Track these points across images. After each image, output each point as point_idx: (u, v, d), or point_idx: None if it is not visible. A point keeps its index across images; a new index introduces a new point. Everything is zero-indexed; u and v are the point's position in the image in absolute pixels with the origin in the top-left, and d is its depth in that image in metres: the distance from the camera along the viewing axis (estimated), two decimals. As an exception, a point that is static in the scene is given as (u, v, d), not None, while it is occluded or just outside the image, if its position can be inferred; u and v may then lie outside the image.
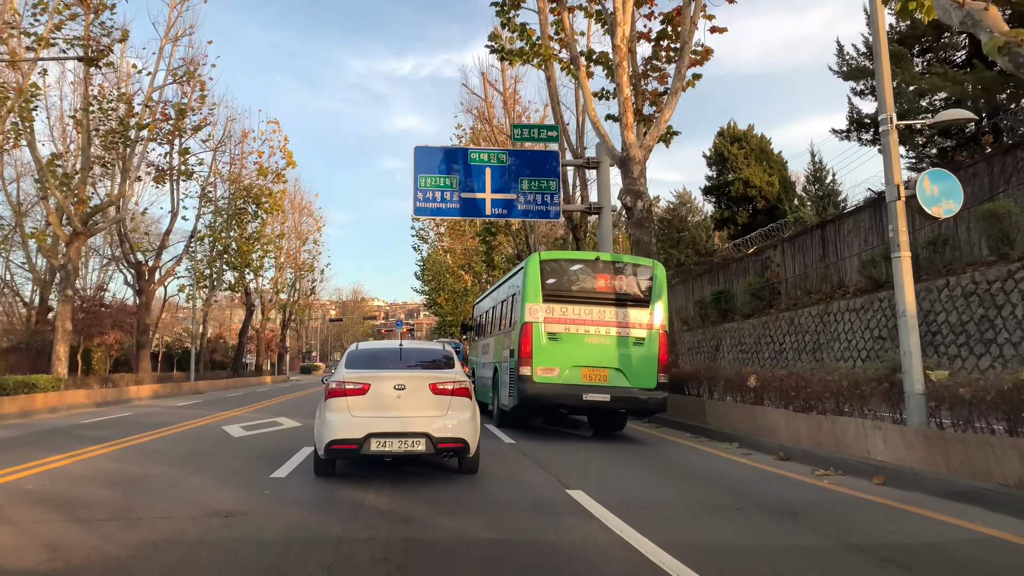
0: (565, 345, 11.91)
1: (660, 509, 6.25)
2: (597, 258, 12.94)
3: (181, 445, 10.83)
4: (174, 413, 18.56)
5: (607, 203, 21.35)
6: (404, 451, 6.94)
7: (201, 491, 6.85)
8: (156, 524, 5.46)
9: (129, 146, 24.58)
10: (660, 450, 10.76)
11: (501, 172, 21.34)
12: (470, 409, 7.35)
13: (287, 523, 5.55)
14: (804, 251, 24.33)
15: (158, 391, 32.28)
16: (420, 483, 7.33)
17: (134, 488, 7.09)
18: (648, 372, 11.96)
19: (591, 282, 12.45)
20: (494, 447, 10.36)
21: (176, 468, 8.27)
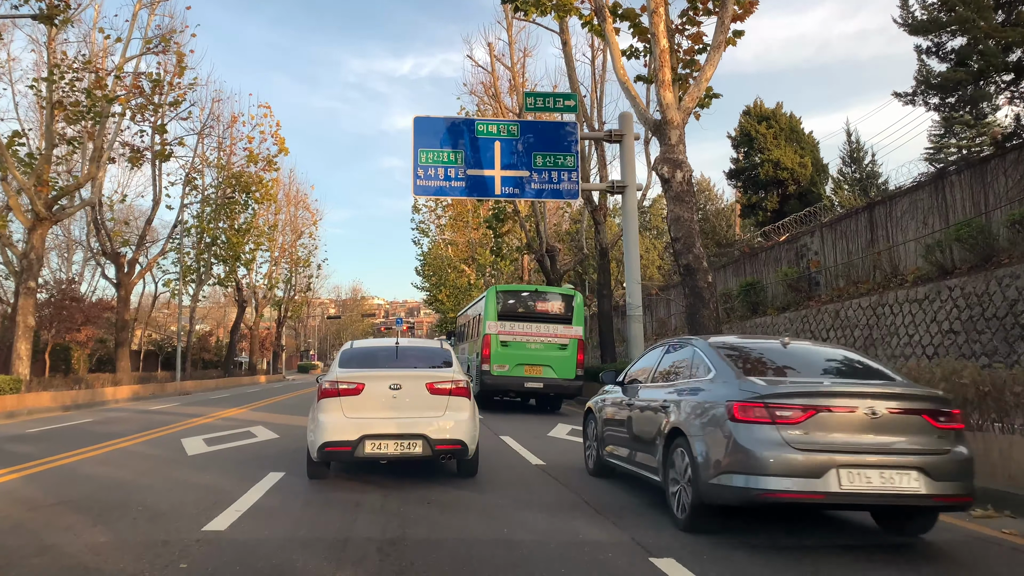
0: (513, 350, 17.21)
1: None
2: (536, 290, 19.02)
3: (116, 468, 8.42)
4: (140, 420, 16.17)
5: (631, 181, 18.97)
6: (400, 453, 6.71)
7: (75, 564, 4.44)
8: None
9: (98, 122, 22.14)
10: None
11: (512, 146, 18.97)
12: (469, 409, 7.10)
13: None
14: (847, 237, 21.90)
15: (138, 392, 29.97)
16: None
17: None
18: (569, 368, 17.07)
19: (531, 307, 17.85)
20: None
21: (74, 513, 5.84)
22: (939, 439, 5.04)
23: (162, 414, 18.07)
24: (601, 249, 20.59)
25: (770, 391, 5.14)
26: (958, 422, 5.21)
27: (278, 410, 19.02)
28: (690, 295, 13.84)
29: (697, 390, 5.80)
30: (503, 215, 25.46)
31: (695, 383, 5.92)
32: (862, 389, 5.20)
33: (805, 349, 6.40)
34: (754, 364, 5.90)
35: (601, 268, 20.68)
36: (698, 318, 13.62)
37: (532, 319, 17.48)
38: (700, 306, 13.65)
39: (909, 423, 5.05)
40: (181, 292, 36.49)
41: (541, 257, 26.03)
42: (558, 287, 20.93)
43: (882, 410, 5.00)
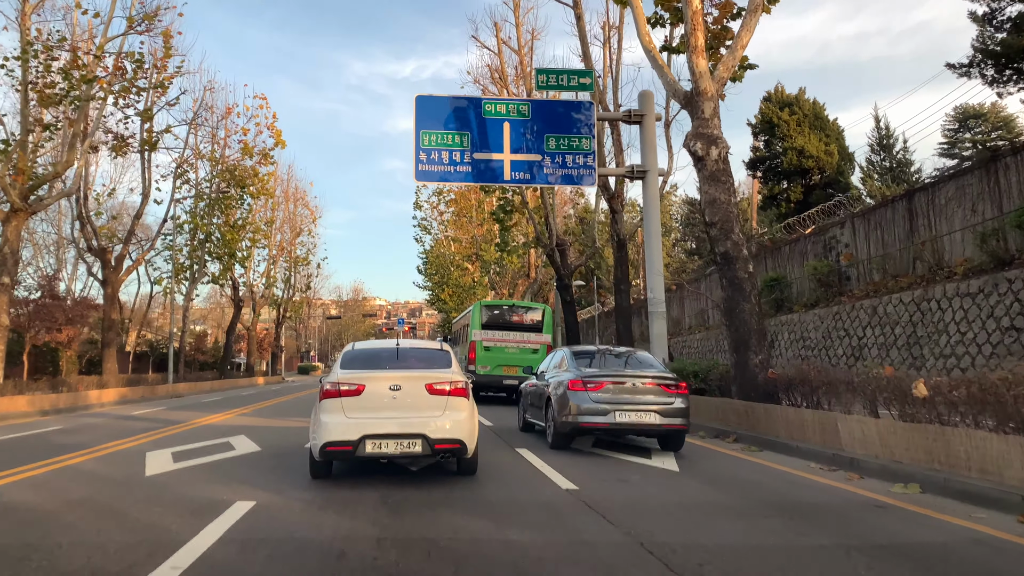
0: (494, 353, 20.59)
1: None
2: (513, 304, 22.66)
3: (48, 494, 6.86)
4: (114, 427, 14.64)
5: (653, 165, 17.38)
6: (400, 453, 6.83)
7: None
8: None
9: (77, 106, 20.60)
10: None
11: (522, 128, 17.40)
12: (467, 409, 7.25)
13: None
14: (883, 227, 20.31)
15: (126, 395, 28.49)
16: None
17: None
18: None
19: (509, 318, 21.45)
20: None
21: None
22: (668, 397, 9.81)
23: (142, 420, 16.52)
24: (618, 240, 19.01)
25: (587, 374, 9.98)
26: (681, 389, 10.00)
27: (269, 415, 17.48)
28: (728, 287, 12.27)
29: (558, 375, 10.61)
30: (511, 207, 23.90)
31: (559, 372, 10.79)
32: (633, 372, 10.09)
33: (617, 351, 11.50)
34: (590, 359, 10.91)
35: (619, 260, 19.10)
36: (738, 313, 12.05)
37: (510, 328, 21.48)
38: (740, 299, 12.08)
39: (653, 389, 9.84)
40: (173, 291, 34.96)
41: (551, 251, 24.47)
42: (531, 303, 25.30)
43: (640, 384, 9.85)
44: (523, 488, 7.22)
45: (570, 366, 10.54)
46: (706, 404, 13.10)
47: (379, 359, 7.68)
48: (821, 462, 8.97)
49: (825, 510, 6.48)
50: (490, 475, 7.85)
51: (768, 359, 11.98)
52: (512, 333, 21.13)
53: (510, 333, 21.13)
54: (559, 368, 10.92)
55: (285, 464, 8.67)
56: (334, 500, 6.39)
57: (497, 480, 7.61)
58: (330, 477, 7.45)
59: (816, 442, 9.65)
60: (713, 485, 7.62)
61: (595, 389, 9.69)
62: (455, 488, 7.07)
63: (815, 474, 8.36)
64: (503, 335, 21.08)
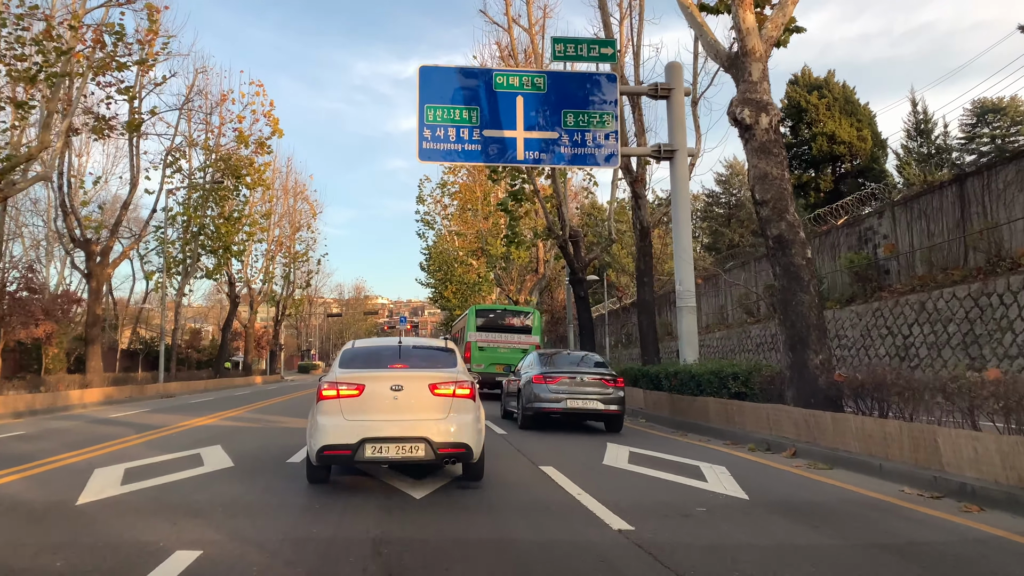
0: (487, 352, 22.80)
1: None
2: (505, 309, 25.74)
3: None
4: (81, 432, 13.03)
5: (682, 144, 15.71)
6: (401, 457, 6.41)
7: None
8: None
9: (53, 83, 18.95)
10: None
11: (537, 103, 15.74)
12: (473, 411, 6.80)
13: None
14: (928, 216, 18.61)
15: (111, 396, 26.88)
16: None
17: None
18: None
19: (501, 321, 23.96)
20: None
21: None
22: (607, 389, 12.65)
23: (116, 424, 14.89)
24: (641, 228, 17.30)
25: (547, 371, 12.92)
26: (618, 383, 12.86)
27: (257, 418, 15.86)
28: (783, 275, 10.56)
29: (528, 372, 13.39)
30: (521, 195, 22.23)
31: (528, 369, 13.59)
32: (582, 370, 13.05)
33: (572, 354, 15.20)
34: (550, 359, 14.04)
35: (641, 251, 17.39)
36: (795, 306, 10.34)
37: (502, 331, 23.76)
38: (797, 289, 10.38)
39: (596, 383, 12.71)
40: (165, 285, 33.34)
41: (564, 243, 22.80)
42: (522, 307, 28.20)
43: (587, 378, 12.77)
44: (562, 527, 5.56)
45: (536, 365, 13.58)
46: (753, 411, 11.40)
47: (380, 358, 7.29)
48: (916, 486, 7.28)
49: (973, 562, 4.80)
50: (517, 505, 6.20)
51: (831, 359, 10.30)
52: (504, 335, 23.61)
53: (502, 335, 23.59)
54: (529, 367, 13.73)
55: (258, 487, 7.02)
56: (310, 549, 4.72)
57: (526, 514, 5.95)
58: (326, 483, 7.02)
59: (904, 460, 7.96)
60: (801, 520, 5.94)
61: (553, 382, 12.62)
62: (472, 526, 5.43)
63: (916, 502, 6.69)
64: (496, 337, 23.55)
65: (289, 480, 7.46)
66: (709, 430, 12.47)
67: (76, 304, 26.53)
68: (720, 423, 12.46)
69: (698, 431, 12.81)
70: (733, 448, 10.63)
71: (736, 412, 11.93)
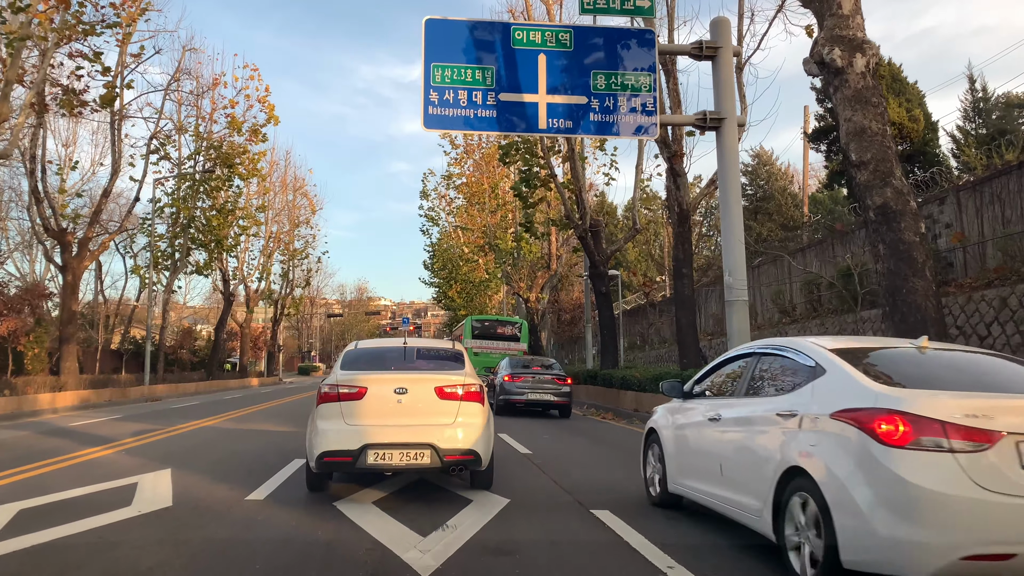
0: (481, 358, 25.57)
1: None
2: (497, 319, 31.51)
3: None
4: (16, 447, 10.89)
5: (731, 111, 13.47)
6: (406, 464, 6.07)
7: None
8: None
9: (12, 50, 16.79)
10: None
11: (562, 62, 13.54)
12: (482, 416, 6.41)
13: None
14: (1004, 201, 16.28)
15: (88, 399, 24.85)
16: None
17: None
18: None
19: (494, 330, 29.05)
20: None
21: None
22: (558, 386, 17.24)
23: (68, 436, 12.70)
24: (680, 212, 15.01)
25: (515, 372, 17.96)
26: (567, 381, 17.59)
27: (236, 429, 13.70)
28: (889, 255, 8.31)
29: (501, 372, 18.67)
30: (536, 179, 20.02)
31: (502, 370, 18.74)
32: (541, 371, 17.85)
33: (537, 360, 19.66)
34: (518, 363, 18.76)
35: (680, 238, 15.10)
36: (907, 294, 8.08)
37: (494, 338, 27.88)
38: (908, 273, 8.12)
39: (551, 381, 17.37)
40: (151, 281, 31.19)
41: (583, 234, 20.56)
42: (511, 318, 32.78)
43: (544, 378, 17.48)
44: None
45: (507, 367, 18.16)
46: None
47: (384, 359, 6.98)
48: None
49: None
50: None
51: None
52: (496, 342, 27.73)
53: (494, 342, 27.73)
54: (503, 368, 18.32)
55: (183, 554, 4.75)
56: None
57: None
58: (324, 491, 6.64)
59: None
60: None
61: (518, 380, 17.22)
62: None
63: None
64: (489, 344, 27.51)
65: (237, 534, 5.22)
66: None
67: (45, 299, 24.37)
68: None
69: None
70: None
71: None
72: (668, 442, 6.11)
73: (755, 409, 4.92)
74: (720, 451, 5.15)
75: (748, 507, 4.68)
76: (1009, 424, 3.56)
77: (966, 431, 3.55)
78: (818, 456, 4.00)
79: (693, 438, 5.68)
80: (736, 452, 4.96)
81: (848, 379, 4.18)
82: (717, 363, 6.03)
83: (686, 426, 5.86)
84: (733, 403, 5.29)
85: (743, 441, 4.93)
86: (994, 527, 3.41)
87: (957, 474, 3.46)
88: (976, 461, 3.49)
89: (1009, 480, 3.43)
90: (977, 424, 3.56)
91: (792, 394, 4.55)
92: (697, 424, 5.62)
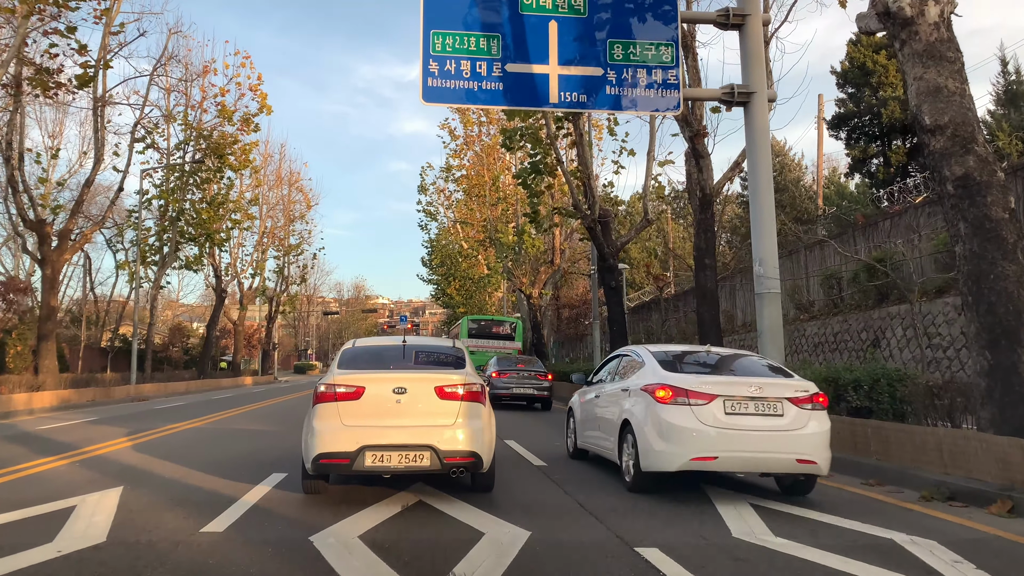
0: (477, 356, 24.04)
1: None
2: (492, 318, 32.85)
3: None
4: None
5: (760, 85, 12.26)
6: (405, 467, 5.86)
7: None
8: None
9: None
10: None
11: (576, 30, 12.32)
12: (483, 417, 6.24)
13: None
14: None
15: (68, 399, 23.56)
16: None
17: None
18: None
19: (489, 329, 30.04)
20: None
21: None
22: (540, 381, 19.37)
23: (25, 442, 11.43)
24: (703, 197, 13.73)
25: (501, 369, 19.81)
26: (548, 378, 19.78)
27: (218, 433, 12.46)
28: (971, 235, 7.12)
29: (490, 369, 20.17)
30: (545, 165, 18.77)
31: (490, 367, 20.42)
32: (524, 368, 19.81)
33: (521, 358, 22.67)
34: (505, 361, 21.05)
35: (702, 226, 13.81)
36: (994, 281, 6.90)
37: (490, 337, 28.55)
38: (996, 256, 6.92)
39: (533, 377, 19.28)
40: (137, 275, 29.90)
41: (592, 224, 19.31)
42: (506, 317, 33.48)
43: (527, 374, 19.40)
44: None
45: (495, 364, 20.00)
46: (909, 438, 7.89)
47: (382, 358, 6.75)
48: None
49: None
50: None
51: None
52: (491, 341, 28.53)
53: (490, 341, 28.50)
54: (491, 365, 19.99)
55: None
56: None
57: None
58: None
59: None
60: None
61: (504, 376, 19.01)
62: None
63: None
64: (484, 342, 28.21)
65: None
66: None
67: (23, 294, 23.10)
68: (840, 449, 8.99)
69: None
70: (886, 493, 7.15)
71: (873, 436, 8.43)
72: (576, 415, 9.50)
73: (614, 388, 7.97)
74: (598, 415, 8.31)
75: (607, 446, 7.84)
76: (721, 391, 6.49)
77: (696, 394, 6.49)
78: (634, 411, 6.97)
79: (588, 410, 8.93)
80: (604, 415, 8.05)
81: (653, 368, 7.13)
82: (604, 362, 9.26)
83: (584, 403, 9.17)
84: (606, 386, 8.37)
85: (607, 408, 7.99)
86: (708, 443, 6.33)
87: (691, 417, 6.41)
88: (701, 410, 6.41)
89: (719, 420, 6.38)
90: (703, 390, 6.50)
91: (629, 378, 7.57)
92: (589, 401, 8.93)
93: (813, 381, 9.78)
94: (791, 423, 6.38)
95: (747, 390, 6.46)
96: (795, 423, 6.38)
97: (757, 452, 6.31)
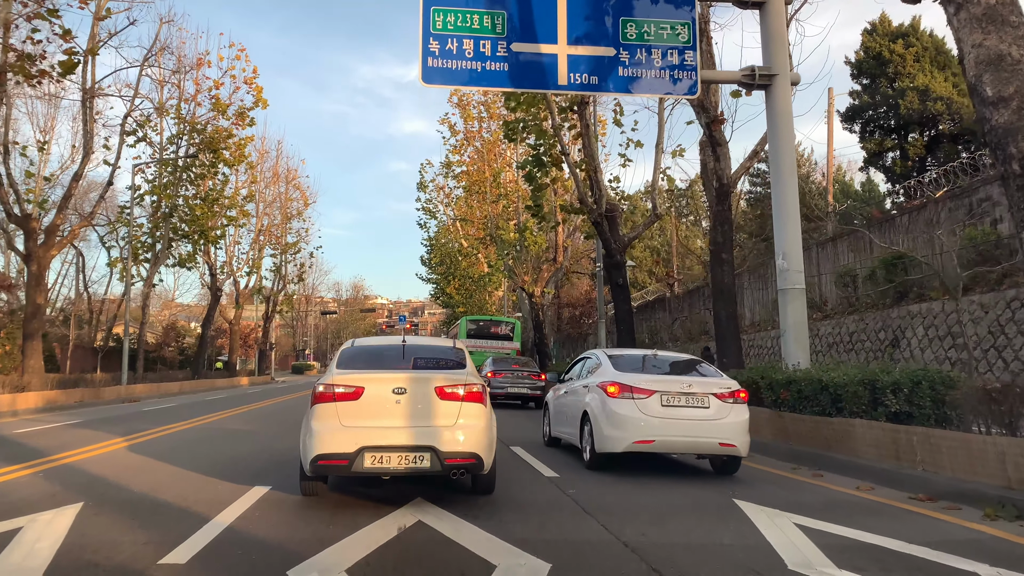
0: (476, 357, 21.73)
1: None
2: (491, 319, 31.85)
3: None
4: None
5: (783, 67, 11.50)
6: (405, 468, 5.80)
7: None
8: None
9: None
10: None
11: (587, 7, 11.56)
12: (484, 417, 6.15)
13: None
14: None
15: (55, 401, 22.72)
16: None
17: None
18: None
19: (488, 330, 29.85)
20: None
21: None
22: (534, 380, 20.50)
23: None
24: (720, 187, 12.91)
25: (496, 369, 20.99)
26: (541, 377, 20.53)
27: (205, 437, 11.69)
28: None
29: (485, 369, 20.66)
30: (548, 158, 17.99)
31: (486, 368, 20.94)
32: (519, 369, 21.28)
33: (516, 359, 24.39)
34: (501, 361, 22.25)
35: (719, 217, 12.99)
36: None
37: (488, 337, 28.67)
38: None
39: (527, 377, 20.68)
40: (128, 272, 29.10)
41: (598, 219, 18.53)
42: (505, 318, 33.22)
43: (521, 374, 20.70)
44: None
45: (490, 365, 21.06)
46: (963, 447, 7.10)
47: (382, 358, 6.70)
48: None
49: None
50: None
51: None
52: (490, 341, 28.55)
53: (489, 341, 28.53)
54: (487, 366, 20.95)
55: None
56: None
57: None
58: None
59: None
60: None
61: (499, 376, 20.14)
62: None
63: None
64: (483, 343, 28.18)
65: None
66: (855, 468, 8.27)
67: (8, 291, 22.31)
68: (879, 458, 8.20)
69: (835, 468, 8.59)
70: (941, 510, 6.37)
71: (919, 445, 7.64)
72: (551, 408, 10.82)
73: (578, 385, 9.45)
74: (566, 408, 9.81)
75: (572, 434, 9.30)
76: (659, 387, 8.08)
77: (639, 389, 8.04)
78: (591, 404, 8.50)
79: (559, 404, 10.34)
80: (570, 408, 9.51)
81: (607, 368, 8.75)
82: (572, 364, 10.81)
83: (556, 399, 10.53)
84: (574, 383, 9.72)
85: (573, 402, 9.43)
86: (648, 430, 7.90)
87: (635, 408, 7.97)
88: (643, 403, 7.98)
89: (657, 410, 7.95)
90: (644, 386, 8.08)
91: (589, 377, 9.13)
92: (560, 396, 10.35)
93: (847, 383, 9.03)
94: (715, 414, 7.91)
95: (680, 387, 8.00)
96: (718, 414, 7.91)
97: (687, 437, 7.87)
